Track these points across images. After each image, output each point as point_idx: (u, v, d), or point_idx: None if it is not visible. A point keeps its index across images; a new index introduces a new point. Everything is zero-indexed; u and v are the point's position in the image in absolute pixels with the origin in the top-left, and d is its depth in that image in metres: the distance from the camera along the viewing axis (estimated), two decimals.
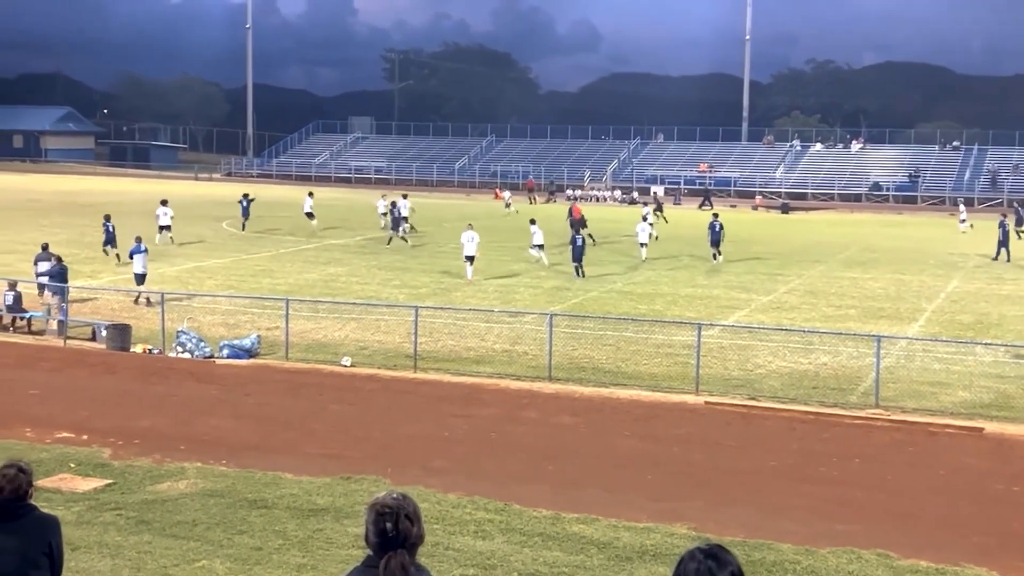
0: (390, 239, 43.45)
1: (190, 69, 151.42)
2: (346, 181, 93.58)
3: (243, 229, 47.32)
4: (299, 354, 22.75)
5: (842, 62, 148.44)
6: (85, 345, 23.90)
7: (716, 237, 39.98)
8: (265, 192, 68.25)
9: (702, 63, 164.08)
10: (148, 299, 28.48)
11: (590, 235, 41.47)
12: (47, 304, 25.65)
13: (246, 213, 47.97)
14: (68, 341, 24.03)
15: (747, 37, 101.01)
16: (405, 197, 49.26)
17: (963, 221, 55.89)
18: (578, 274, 35.15)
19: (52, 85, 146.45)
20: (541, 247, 37.92)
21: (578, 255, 35.53)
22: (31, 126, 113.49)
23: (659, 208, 58.56)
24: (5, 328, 25.38)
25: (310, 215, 48.66)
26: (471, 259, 34.35)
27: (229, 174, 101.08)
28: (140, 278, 29.23)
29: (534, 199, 75.47)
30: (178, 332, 23.12)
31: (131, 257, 30.14)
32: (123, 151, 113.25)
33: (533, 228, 38.34)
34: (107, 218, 36.80)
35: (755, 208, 76.01)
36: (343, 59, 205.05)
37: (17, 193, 66.75)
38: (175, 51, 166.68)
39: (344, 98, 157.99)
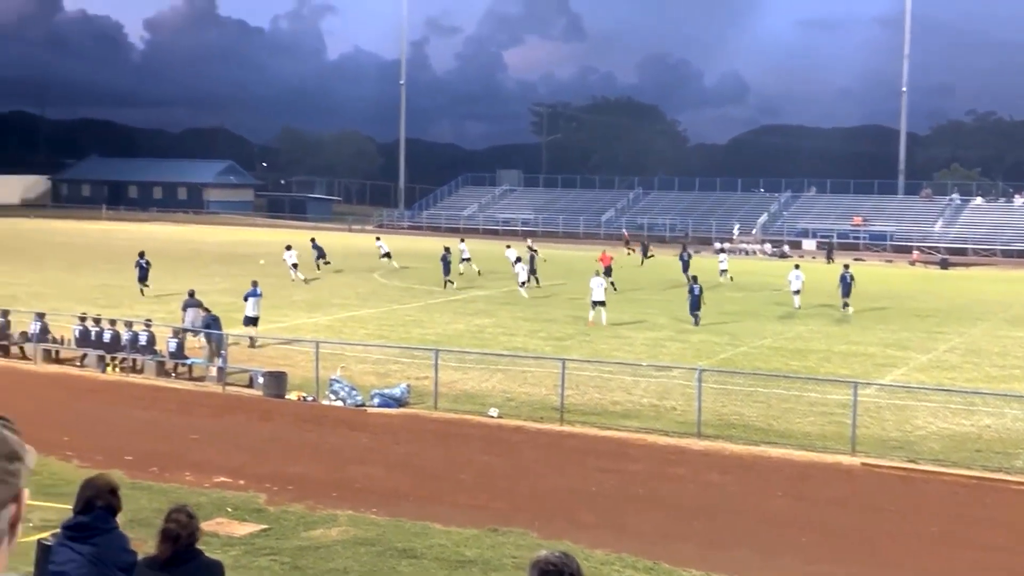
0: (523, 284, 43.92)
1: (346, 124, 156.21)
2: (493, 233, 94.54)
3: (445, 287, 46.38)
4: (447, 404, 22.96)
5: (1004, 113, 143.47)
6: (243, 392, 24.61)
7: (847, 288, 39.98)
8: (415, 244, 69.53)
9: (855, 114, 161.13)
10: (253, 341, 29.72)
11: (612, 283, 42.70)
12: (205, 348, 26.58)
13: (447, 269, 47.70)
14: (227, 387, 24.80)
15: (904, 88, 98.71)
16: (463, 241, 53.69)
17: None
18: (694, 321, 35.55)
19: (215, 139, 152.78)
20: (602, 303, 35.87)
21: (696, 304, 35.83)
22: (195, 179, 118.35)
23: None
24: (167, 374, 26.34)
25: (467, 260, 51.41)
26: (601, 303, 35.19)
27: (381, 226, 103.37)
28: (250, 320, 30.13)
29: (633, 250, 74.18)
30: (331, 380, 23.63)
31: (245, 300, 31.08)
32: (280, 203, 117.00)
33: (595, 281, 36.66)
34: (141, 255, 40.78)
35: (912, 263, 73.75)
36: (492, 113, 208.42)
37: (181, 243, 69.57)
38: (332, 106, 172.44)
39: (492, 151, 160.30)
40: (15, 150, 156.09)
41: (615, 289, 43.28)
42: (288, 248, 48.01)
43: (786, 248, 79.30)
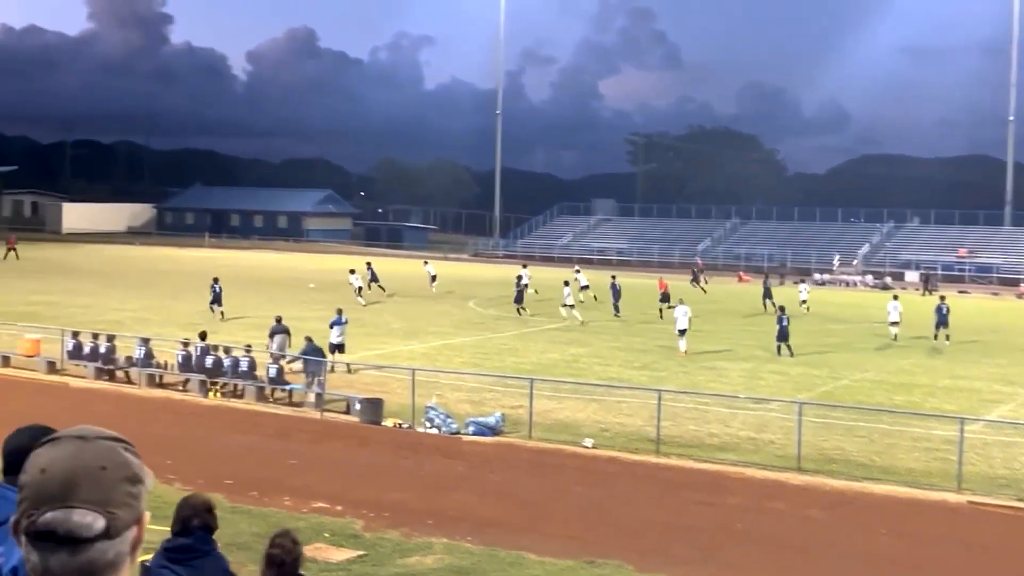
0: (568, 307, 44.40)
1: (442, 153, 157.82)
2: (588, 262, 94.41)
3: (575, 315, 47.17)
4: (542, 433, 22.90)
5: None
6: (340, 418, 24.85)
7: (943, 319, 39.51)
8: (511, 272, 69.70)
9: (958, 143, 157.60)
10: (348, 367, 30.25)
11: (666, 308, 44.82)
12: (303, 375, 26.95)
13: (520, 297, 48.48)
14: (324, 413, 25.09)
15: (1011, 117, 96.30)
16: (525, 267, 54.50)
17: None
18: (788, 352, 35.42)
19: (314, 169, 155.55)
20: (683, 332, 35.84)
21: (784, 335, 35.61)
22: (294, 207, 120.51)
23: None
24: (267, 399, 26.75)
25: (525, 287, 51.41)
26: (683, 332, 35.43)
27: (476, 254, 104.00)
28: (335, 347, 30.53)
29: (707, 280, 73.47)
30: (427, 408, 23.75)
31: (331, 327, 31.51)
32: (377, 231, 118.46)
33: (680, 310, 36.71)
34: (215, 280, 42.52)
35: (1020, 296, 71.66)
36: (587, 142, 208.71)
37: (281, 271, 70.83)
38: (428, 136, 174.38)
39: (587, 180, 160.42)
40: (123, 179, 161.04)
41: (661, 317, 44.82)
42: (352, 272, 49.83)
43: (888, 280, 77.71)
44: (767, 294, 50.04)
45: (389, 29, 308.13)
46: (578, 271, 56.00)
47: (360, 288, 49.36)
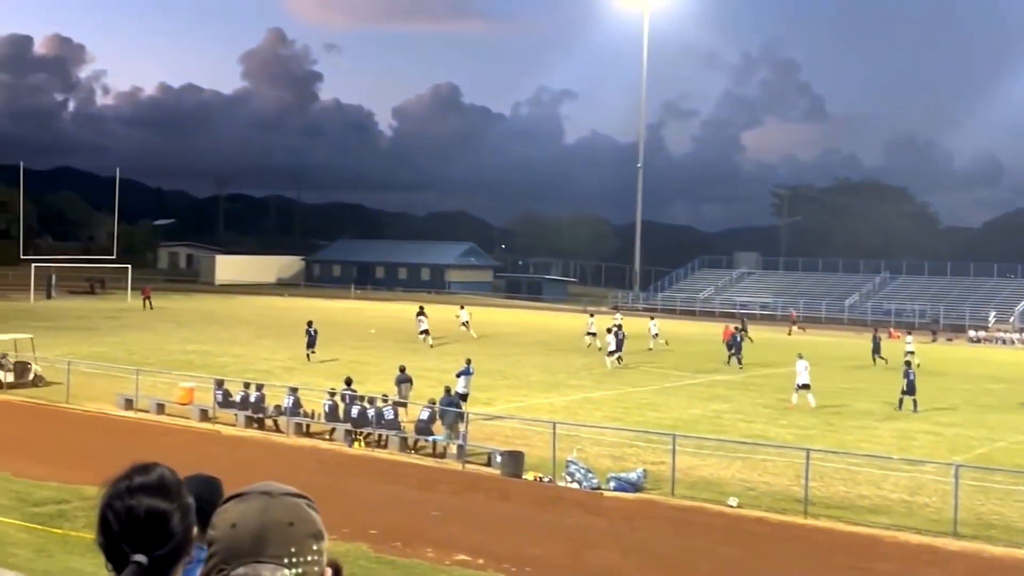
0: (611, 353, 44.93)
1: (582, 206, 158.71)
2: (730, 316, 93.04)
3: (736, 365, 47.50)
4: (684, 491, 22.53)
5: None
6: (481, 470, 24.91)
7: None
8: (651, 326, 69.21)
9: None
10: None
11: (732, 356, 47.45)
12: (447, 427, 27.13)
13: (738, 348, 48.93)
14: (466, 465, 25.19)
15: None
16: (653, 319, 57.29)
17: None
18: (912, 407, 34.59)
19: (456, 222, 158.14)
20: (806, 387, 35.62)
21: (911, 388, 34.83)
22: (437, 260, 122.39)
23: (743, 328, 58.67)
24: (409, 449, 26.97)
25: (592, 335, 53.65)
26: (806, 387, 35.32)
27: (616, 307, 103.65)
28: (462, 397, 30.60)
29: (803, 328, 72.40)
30: (567, 462, 23.63)
31: (458, 377, 31.89)
32: (518, 284, 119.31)
33: (800, 364, 36.06)
34: (309, 323, 45.37)
35: None
36: (729, 195, 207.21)
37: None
38: (568, 189, 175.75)
39: (729, 234, 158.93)
40: (273, 232, 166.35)
41: (734, 363, 47.06)
42: (419, 314, 54.03)
43: None
44: (876, 348, 50.09)
45: (531, 84, 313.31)
46: (652, 320, 57.73)
47: (426, 331, 52.24)
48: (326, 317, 59.58)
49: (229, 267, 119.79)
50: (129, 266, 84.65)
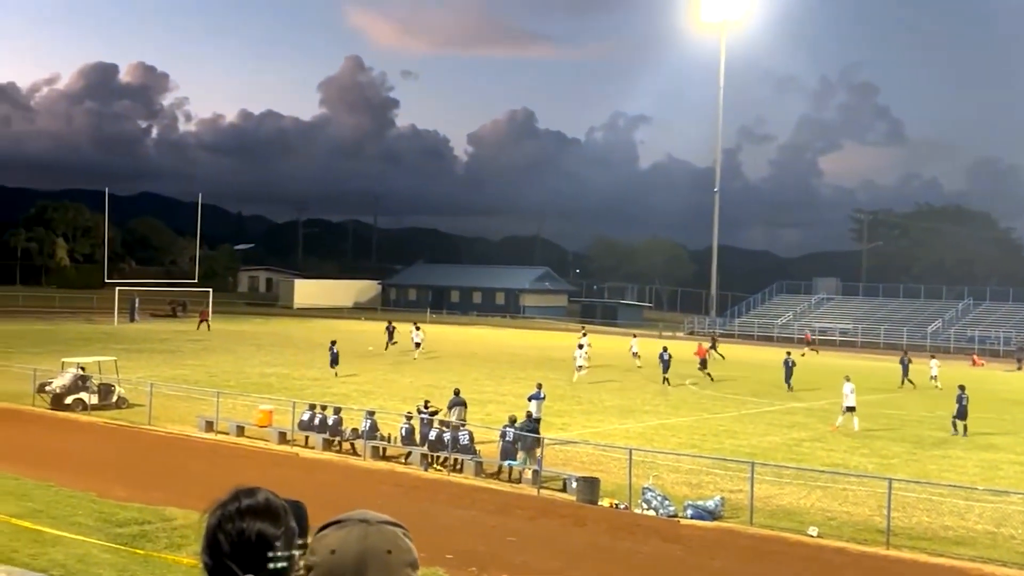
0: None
1: (657, 231, 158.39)
2: (809, 343, 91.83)
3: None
4: (763, 520, 22.22)
5: None
6: (556, 496, 24.83)
7: None
8: (734, 352, 68.64)
9: None
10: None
11: (708, 374, 50.38)
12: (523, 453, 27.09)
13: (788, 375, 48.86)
14: (541, 491, 25.12)
15: None
16: (715, 341, 60.27)
17: None
18: (963, 431, 34.82)
19: (531, 247, 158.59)
20: (852, 409, 36.07)
21: (963, 413, 34.98)
22: (512, 284, 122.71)
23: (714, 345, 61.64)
24: (485, 474, 26.97)
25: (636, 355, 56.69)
26: (852, 409, 35.79)
27: (692, 333, 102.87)
28: (535, 422, 30.59)
29: (817, 351, 71.65)
30: (644, 489, 23.45)
31: (529, 401, 32.14)
32: (593, 309, 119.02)
33: (847, 387, 36.26)
34: (333, 343, 48.10)
35: None
36: (806, 220, 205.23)
37: (498, 346, 71.96)
38: (643, 214, 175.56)
39: (807, 259, 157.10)
40: (350, 256, 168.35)
41: (712, 379, 49.93)
42: (416, 328, 57.75)
43: None
44: (906, 371, 51.17)
45: (606, 109, 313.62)
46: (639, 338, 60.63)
47: (419, 344, 55.86)
48: (403, 341, 59.94)
49: (307, 291, 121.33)
50: (210, 290, 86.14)
